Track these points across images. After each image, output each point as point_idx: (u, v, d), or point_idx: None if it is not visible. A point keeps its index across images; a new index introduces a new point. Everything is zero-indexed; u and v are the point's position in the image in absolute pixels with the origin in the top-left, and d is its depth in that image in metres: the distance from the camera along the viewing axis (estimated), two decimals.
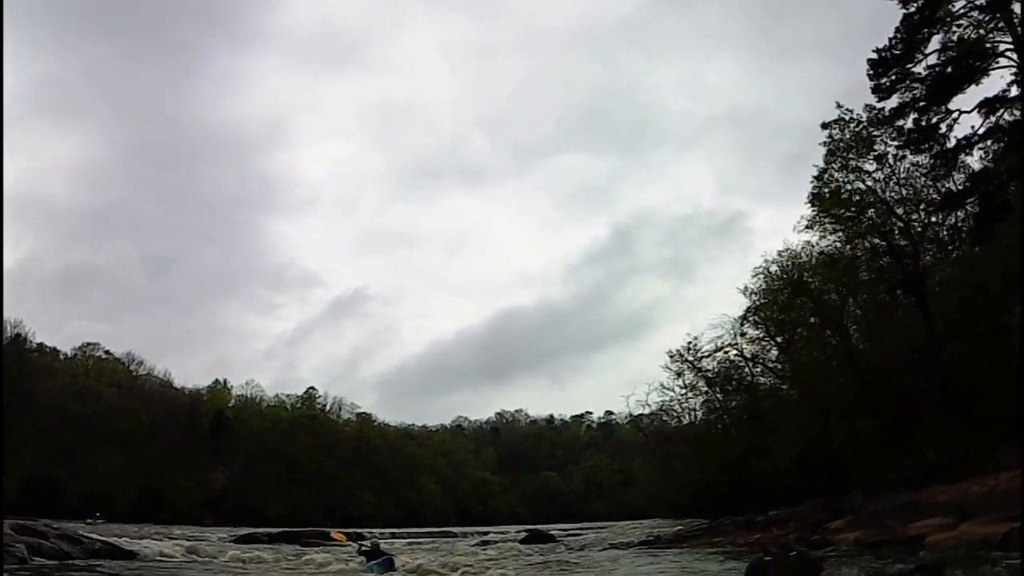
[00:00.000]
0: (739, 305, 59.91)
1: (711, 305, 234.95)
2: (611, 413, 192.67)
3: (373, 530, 73.46)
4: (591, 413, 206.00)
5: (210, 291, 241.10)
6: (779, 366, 58.70)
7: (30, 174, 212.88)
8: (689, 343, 63.37)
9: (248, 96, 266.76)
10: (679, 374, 64.58)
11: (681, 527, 52.75)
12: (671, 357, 64.45)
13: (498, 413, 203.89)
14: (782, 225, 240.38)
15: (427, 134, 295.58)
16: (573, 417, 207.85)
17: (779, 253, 54.87)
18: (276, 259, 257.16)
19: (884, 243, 43.05)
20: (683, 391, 65.59)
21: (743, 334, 59.98)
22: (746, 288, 58.33)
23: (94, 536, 31.25)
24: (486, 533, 70.21)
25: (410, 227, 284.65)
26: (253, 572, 26.37)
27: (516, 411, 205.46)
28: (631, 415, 73.30)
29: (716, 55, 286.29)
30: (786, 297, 52.59)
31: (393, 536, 67.41)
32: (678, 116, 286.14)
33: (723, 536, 40.20)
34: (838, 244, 46.65)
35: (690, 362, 63.60)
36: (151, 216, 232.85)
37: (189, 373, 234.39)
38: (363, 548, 32.02)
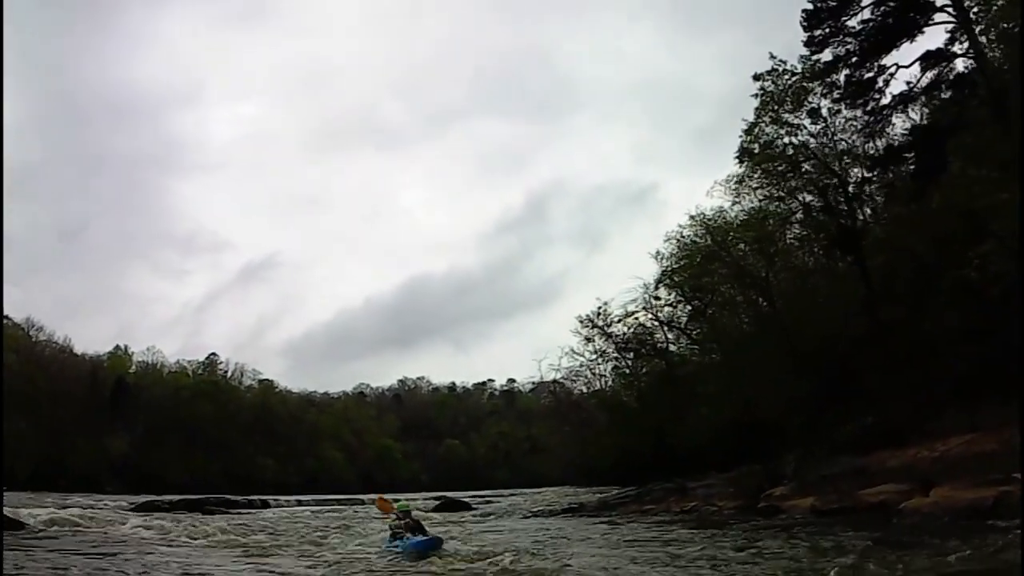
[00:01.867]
0: (651, 273, 58.77)
1: (622, 275, 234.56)
2: (513, 381, 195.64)
3: (401, 496, 71.79)
4: (494, 381, 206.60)
5: (117, 256, 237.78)
6: (696, 330, 57.38)
7: None
8: (599, 308, 62.84)
9: (157, 55, 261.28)
10: (589, 340, 63.95)
11: (603, 494, 51.20)
12: (581, 323, 64.01)
13: (400, 380, 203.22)
14: (695, 196, 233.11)
15: (340, 96, 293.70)
16: (476, 385, 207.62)
17: (691, 218, 53.47)
18: (185, 223, 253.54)
19: (820, 199, 41.75)
20: (593, 357, 64.65)
21: (657, 298, 58.96)
22: (659, 253, 57.20)
23: None
24: (396, 500, 68.41)
25: (322, 191, 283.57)
26: (149, 543, 23.97)
27: (419, 378, 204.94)
28: (542, 380, 71.56)
29: (632, 23, 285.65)
30: (703, 259, 51.05)
31: (299, 504, 65.69)
32: (594, 84, 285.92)
33: (655, 504, 38.54)
34: (763, 204, 45.55)
35: (600, 327, 62.81)
36: (58, 179, 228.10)
37: (94, 339, 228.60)
38: (396, 523, 23.38)
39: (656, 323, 60.60)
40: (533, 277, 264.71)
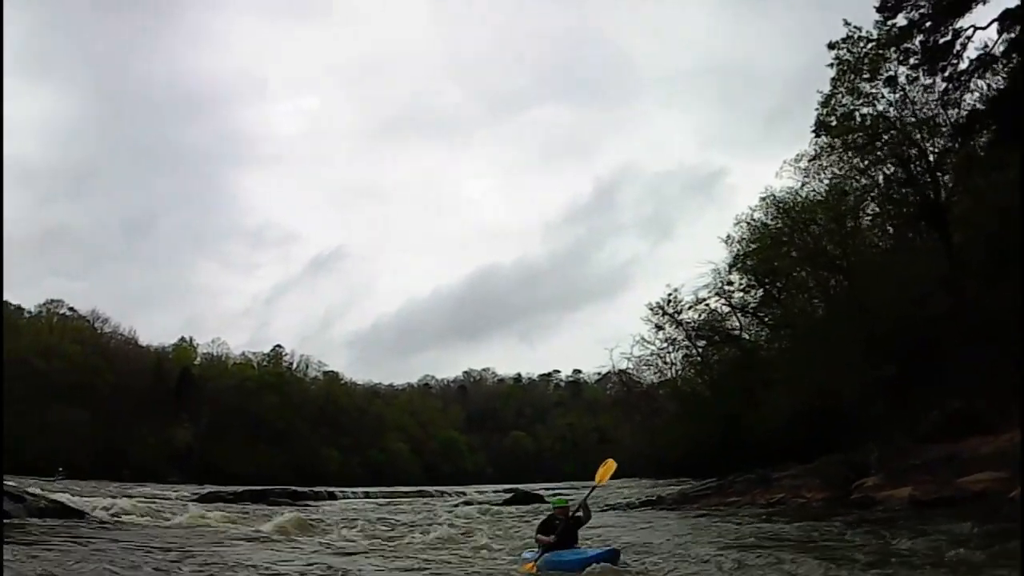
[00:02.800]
0: (722, 259, 57.24)
1: (690, 262, 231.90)
2: (579, 372, 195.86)
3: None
4: (559, 372, 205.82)
5: (185, 249, 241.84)
6: (768, 315, 55.89)
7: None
8: (669, 295, 61.25)
9: (219, 49, 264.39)
10: (659, 327, 62.34)
11: (678, 486, 49.83)
12: (651, 310, 62.35)
13: (466, 372, 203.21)
14: (764, 180, 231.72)
15: (401, 86, 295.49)
16: (541, 376, 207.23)
17: (762, 200, 52.65)
18: (253, 216, 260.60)
19: (902, 171, 40.14)
20: (664, 345, 63.24)
21: (730, 283, 57.42)
22: (729, 237, 55.98)
23: (39, 493, 27.97)
24: (463, 493, 67.50)
25: (387, 182, 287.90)
26: (212, 536, 22.88)
27: (484, 370, 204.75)
28: (613, 369, 70.07)
29: (694, 2, 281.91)
30: (774, 242, 49.59)
31: (367, 496, 64.85)
32: (657, 66, 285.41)
33: (738, 496, 36.73)
34: (836, 181, 44.13)
35: (670, 315, 61.35)
36: (124, 174, 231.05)
37: (162, 332, 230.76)
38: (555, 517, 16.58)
39: (728, 309, 59.31)
40: (600, 266, 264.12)
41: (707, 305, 59.35)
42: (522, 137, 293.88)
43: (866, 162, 41.73)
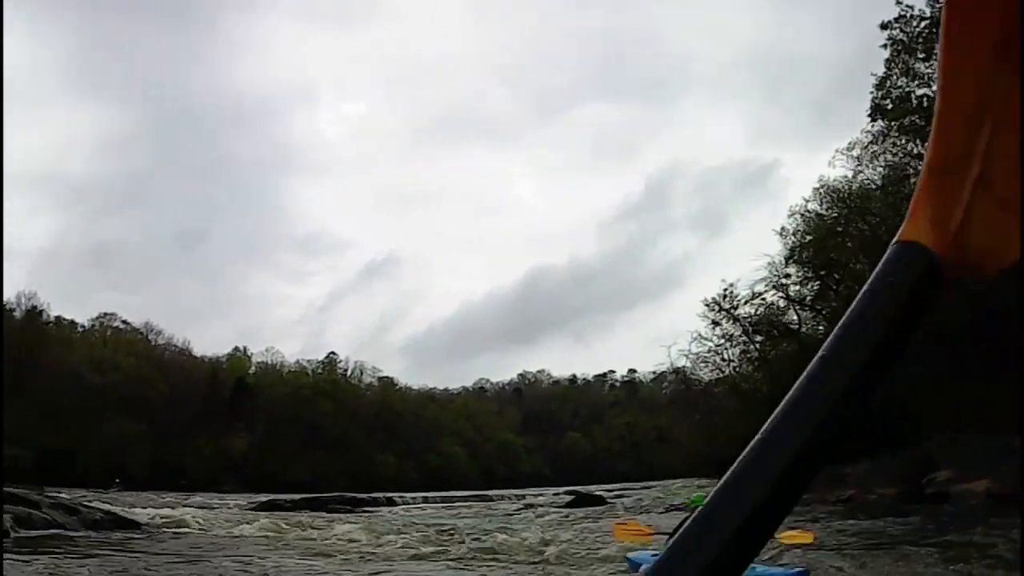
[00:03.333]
0: (777, 252, 56.24)
1: (743, 258, 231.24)
2: (634, 372, 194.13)
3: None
4: (614, 372, 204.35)
5: (239, 260, 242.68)
6: (826, 308, 54.82)
7: (56, 150, 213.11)
8: (725, 290, 59.93)
9: (262, 59, 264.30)
10: (716, 323, 61.24)
11: None
12: (707, 306, 61.11)
13: (520, 374, 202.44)
14: (817, 171, 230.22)
15: (447, 89, 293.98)
16: (596, 376, 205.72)
17: (815, 190, 52.39)
18: (305, 224, 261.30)
19: None
20: (721, 341, 62.30)
21: (787, 275, 56.27)
22: (783, 229, 55.43)
23: (95, 505, 27.78)
24: (523, 496, 67.02)
25: (437, 186, 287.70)
26: (270, 545, 22.36)
27: (539, 371, 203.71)
28: (672, 366, 69.06)
29: None
30: (828, 233, 49.04)
31: (426, 501, 64.42)
32: (702, 60, 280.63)
33: (807, 493, 36.04)
34: (888, 171, 43.35)
35: (726, 310, 60.34)
36: (179, 187, 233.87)
37: (218, 342, 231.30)
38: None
39: (786, 302, 58.14)
40: (653, 264, 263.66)
41: (763, 299, 58.19)
42: (571, 136, 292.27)
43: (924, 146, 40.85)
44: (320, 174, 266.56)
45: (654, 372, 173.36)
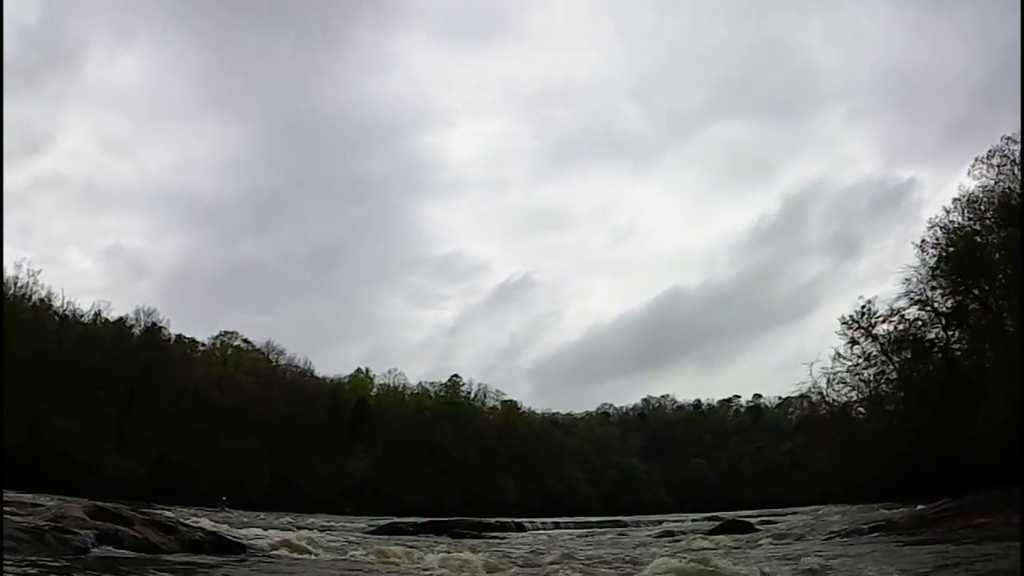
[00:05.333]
0: (914, 267, 53.00)
1: (876, 281, 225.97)
2: (759, 396, 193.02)
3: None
4: (739, 397, 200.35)
5: (371, 281, 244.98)
6: (974, 322, 51.14)
7: (187, 168, 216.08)
8: (863, 307, 57.68)
9: (393, 76, 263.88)
10: (854, 342, 58.35)
11: (895, 509, 45.29)
12: (844, 323, 58.68)
13: (644, 399, 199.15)
14: (950, 192, 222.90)
15: (577, 108, 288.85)
16: (721, 401, 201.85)
17: (954, 201, 49.90)
18: (436, 246, 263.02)
19: None
20: (859, 361, 58.82)
21: (933, 287, 53.16)
22: (923, 242, 52.46)
23: (196, 525, 24.82)
24: (659, 522, 63.80)
25: (571, 207, 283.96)
26: (394, 573, 19.19)
27: (663, 396, 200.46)
28: (814, 385, 65.54)
29: (868, 5, 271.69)
30: (968, 245, 47.23)
31: (557, 527, 61.44)
32: (835, 75, 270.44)
33: (986, 517, 31.81)
34: None
35: (864, 328, 57.05)
36: (312, 207, 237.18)
37: (346, 364, 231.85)
38: None
39: (927, 318, 54.76)
40: (785, 288, 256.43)
41: (903, 316, 55.29)
42: (704, 156, 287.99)
43: None
44: (452, 195, 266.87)
45: (779, 397, 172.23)
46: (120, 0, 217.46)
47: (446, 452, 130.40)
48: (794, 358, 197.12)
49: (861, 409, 62.91)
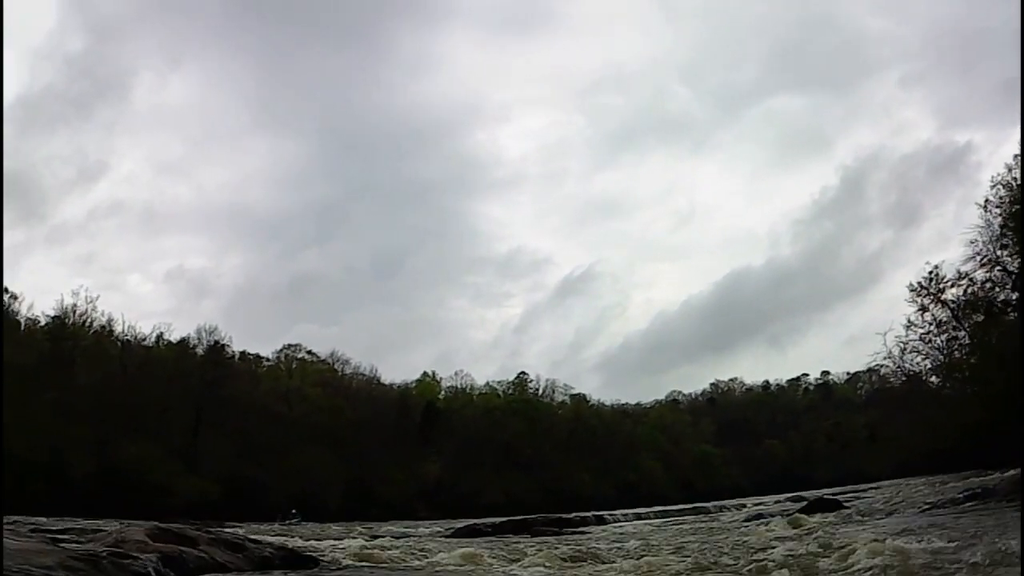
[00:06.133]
0: (978, 229, 51.03)
1: (938, 247, 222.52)
2: (827, 373, 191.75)
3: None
4: (808, 375, 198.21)
5: (435, 284, 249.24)
6: None
7: (244, 187, 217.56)
8: (930, 272, 54.55)
9: (440, 75, 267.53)
10: (923, 309, 56.11)
11: (1012, 473, 43.78)
12: (912, 291, 55.62)
13: (712, 384, 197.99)
14: (1010, 152, 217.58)
15: (627, 93, 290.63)
16: (789, 381, 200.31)
17: (1015, 158, 47.56)
18: (497, 244, 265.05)
19: None
20: (930, 327, 57.17)
21: (1003, 246, 50.55)
22: (987, 202, 49.82)
23: (265, 540, 23.78)
24: (742, 506, 62.39)
25: (628, 194, 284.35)
26: None
27: (731, 380, 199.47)
28: (889, 355, 63.63)
29: None
30: None
31: (639, 518, 60.06)
32: (883, 42, 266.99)
33: None
34: None
35: (933, 294, 55.20)
36: (371, 215, 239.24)
37: (413, 369, 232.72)
38: None
39: (1001, 277, 52.82)
40: (847, 262, 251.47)
41: (971, 279, 53.15)
42: (759, 132, 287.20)
43: None
44: (509, 191, 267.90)
45: (848, 373, 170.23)
46: (166, 25, 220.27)
47: (518, 450, 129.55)
48: (860, 332, 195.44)
49: (934, 379, 61.48)
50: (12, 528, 22.49)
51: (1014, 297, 52.88)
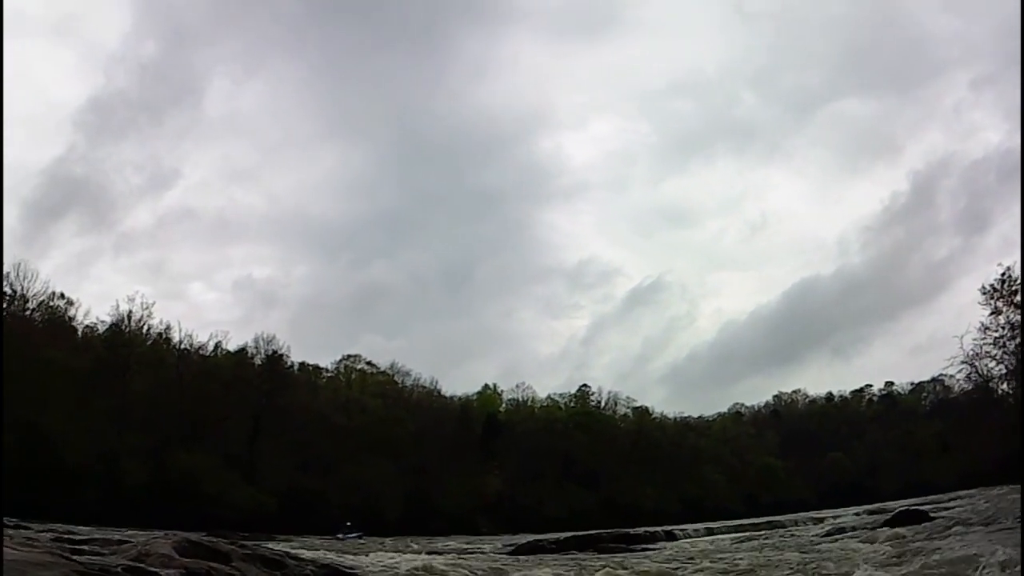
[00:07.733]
0: None
1: (1006, 252, 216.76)
2: (891, 384, 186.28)
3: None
4: (871, 386, 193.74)
5: (503, 295, 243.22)
6: None
7: (314, 196, 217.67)
8: (1003, 274, 56.08)
9: (502, 81, 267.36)
10: (996, 312, 55.78)
11: None
12: (984, 293, 57.31)
13: (776, 396, 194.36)
14: None
15: (692, 98, 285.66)
16: (853, 392, 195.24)
17: None
18: (566, 254, 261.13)
19: None
20: (1003, 332, 55.39)
21: None
22: None
23: (307, 557, 21.89)
24: (819, 520, 60.09)
25: (696, 202, 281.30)
26: None
27: (794, 392, 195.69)
28: (964, 359, 61.56)
29: None
30: None
31: (710, 532, 58.06)
32: (955, 41, 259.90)
33: None
34: None
35: (1006, 296, 53.59)
36: (439, 225, 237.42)
37: (477, 381, 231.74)
38: None
39: None
40: (915, 270, 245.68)
41: None
42: (827, 138, 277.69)
43: None
44: (574, 199, 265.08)
45: (912, 383, 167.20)
46: (239, 32, 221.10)
47: (580, 463, 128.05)
48: (926, 341, 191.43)
49: (1005, 387, 59.76)
50: (32, 537, 20.73)
51: None
